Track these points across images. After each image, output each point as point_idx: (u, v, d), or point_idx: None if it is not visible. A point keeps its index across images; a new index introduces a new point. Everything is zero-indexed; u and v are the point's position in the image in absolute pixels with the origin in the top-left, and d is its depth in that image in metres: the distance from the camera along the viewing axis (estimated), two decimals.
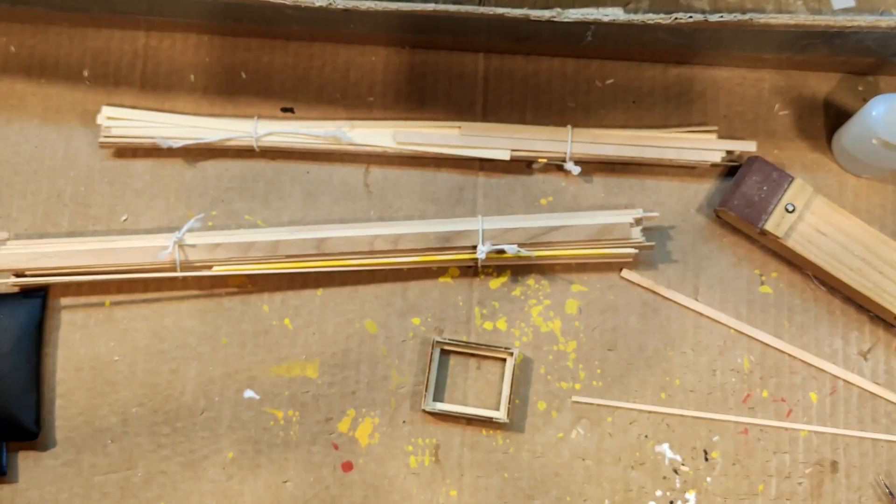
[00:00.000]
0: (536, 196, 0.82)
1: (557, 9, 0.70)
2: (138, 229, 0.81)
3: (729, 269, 0.81)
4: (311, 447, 0.78)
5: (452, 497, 0.77)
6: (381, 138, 0.81)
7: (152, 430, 0.78)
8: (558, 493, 0.77)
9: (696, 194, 0.82)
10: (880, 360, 0.80)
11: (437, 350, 0.78)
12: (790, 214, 0.77)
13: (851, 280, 0.77)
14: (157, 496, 0.78)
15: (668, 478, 0.78)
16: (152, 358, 0.79)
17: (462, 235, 0.77)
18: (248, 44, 0.84)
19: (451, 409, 0.78)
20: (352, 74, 0.84)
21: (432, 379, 0.78)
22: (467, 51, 0.84)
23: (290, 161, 0.83)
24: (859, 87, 0.83)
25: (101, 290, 0.80)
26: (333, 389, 0.79)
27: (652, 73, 0.84)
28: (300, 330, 0.80)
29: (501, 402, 0.78)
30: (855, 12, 0.71)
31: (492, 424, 0.78)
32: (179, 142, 0.80)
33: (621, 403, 0.79)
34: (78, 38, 0.84)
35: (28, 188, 0.82)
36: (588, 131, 0.81)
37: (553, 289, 0.80)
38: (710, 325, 0.80)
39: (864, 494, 0.77)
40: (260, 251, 0.77)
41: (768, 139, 0.83)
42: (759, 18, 0.70)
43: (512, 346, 0.78)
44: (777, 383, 0.79)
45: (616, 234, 0.77)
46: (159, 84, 0.84)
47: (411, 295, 0.80)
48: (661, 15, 0.70)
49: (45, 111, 0.83)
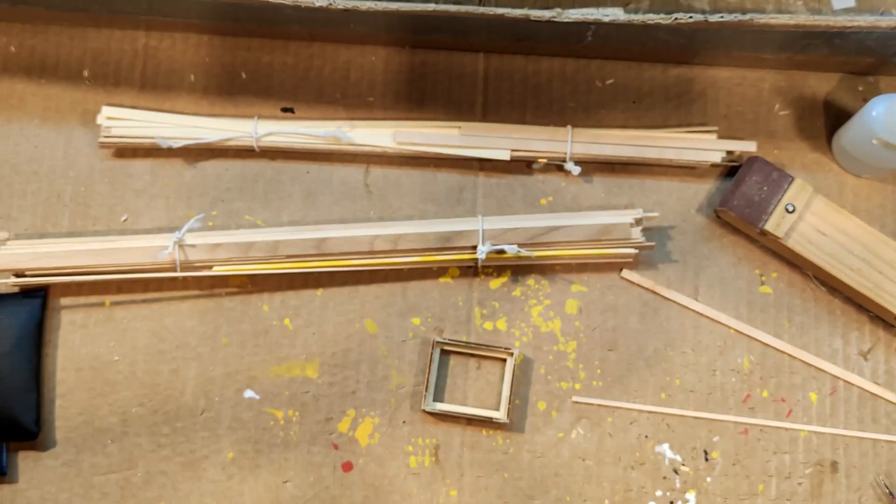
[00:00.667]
0: (536, 196, 0.82)
1: (557, 9, 0.70)
2: (138, 229, 0.81)
3: (729, 269, 0.81)
4: (311, 447, 0.78)
5: (452, 497, 0.77)
6: (381, 138, 0.81)
7: (152, 430, 0.78)
8: (558, 494, 0.77)
9: (696, 194, 0.82)
10: (880, 360, 0.80)
11: (437, 350, 0.78)
12: (790, 214, 0.77)
13: (851, 280, 0.77)
14: (157, 496, 0.78)
15: (668, 478, 0.78)
16: (152, 358, 0.79)
17: (462, 235, 0.77)
18: (248, 44, 0.84)
19: (451, 410, 0.78)
20: (352, 74, 0.84)
21: (432, 379, 0.78)
22: (467, 51, 0.84)
23: (290, 161, 0.83)
24: (859, 87, 0.83)
25: (101, 290, 0.80)
26: (333, 389, 0.79)
27: (652, 73, 0.84)
28: (300, 330, 0.80)
29: (501, 403, 0.78)
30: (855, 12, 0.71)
31: (492, 424, 0.78)
32: (179, 142, 0.80)
33: (621, 403, 0.79)
34: (78, 38, 0.84)
35: (28, 188, 0.82)
36: (588, 131, 0.81)
37: (553, 289, 0.80)
38: (710, 325, 0.80)
39: (864, 494, 0.77)
40: (260, 251, 0.77)
41: (768, 139, 0.83)
42: (759, 18, 0.70)
43: (512, 347, 0.78)
44: (777, 383, 0.79)
45: (616, 235, 0.77)
46: (159, 84, 0.84)
47: (411, 295, 0.80)
48: (661, 15, 0.70)
49: (45, 111, 0.83)
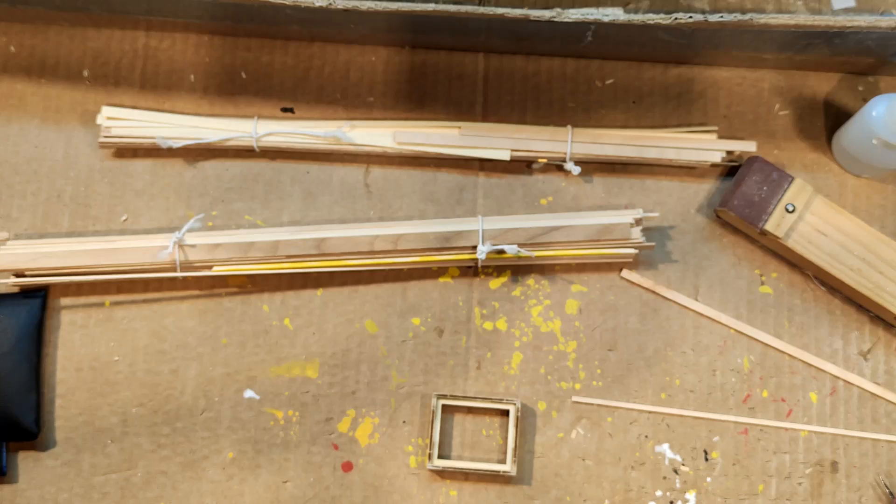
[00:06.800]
0: (536, 196, 0.82)
1: (557, 9, 0.70)
2: (138, 229, 0.81)
3: (729, 269, 0.81)
4: (311, 447, 0.78)
5: (452, 497, 0.77)
6: (381, 138, 0.81)
7: (152, 430, 0.78)
8: (558, 494, 0.77)
9: (696, 194, 0.82)
10: (880, 360, 0.80)
11: (440, 404, 0.77)
12: (790, 214, 0.77)
13: (851, 280, 0.77)
14: (157, 496, 0.78)
15: (668, 478, 0.78)
16: (152, 358, 0.79)
17: (462, 235, 0.77)
18: (248, 44, 0.84)
19: (458, 466, 0.76)
20: (352, 74, 0.84)
21: (436, 437, 0.76)
22: (467, 51, 0.84)
23: (290, 161, 0.83)
24: (859, 87, 0.83)
25: (101, 290, 0.80)
26: (333, 389, 0.79)
27: (652, 73, 0.84)
28: (300, 330, 0.80)
29: (508, 454, 0.76)
30: (855, 12, 0.71)
31: (491, 425, 0.78)
32: (179, 142, 0.80)
33: (621, 403, 0.79)
34: (78, 38, 0.84)
35: (28, 188, 0.82)
36: (588, 131, 0.81)
37: (553, 289, 0.80)
38: (710, 325, 0.80)
39: (864, 494, 0.77)
40: (260, 251, 0.77)
41: (768, 139, 0.83)
42: (759, 18, 0.70)
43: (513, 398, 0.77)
44: (777, 383, 0.79)
45: (616, 235, 0.77)
46: (159, 84, 0.84)
47: (411, 295, 0.80)
48: (661, 15, 0.70)
49: (45, 111, 0.83)
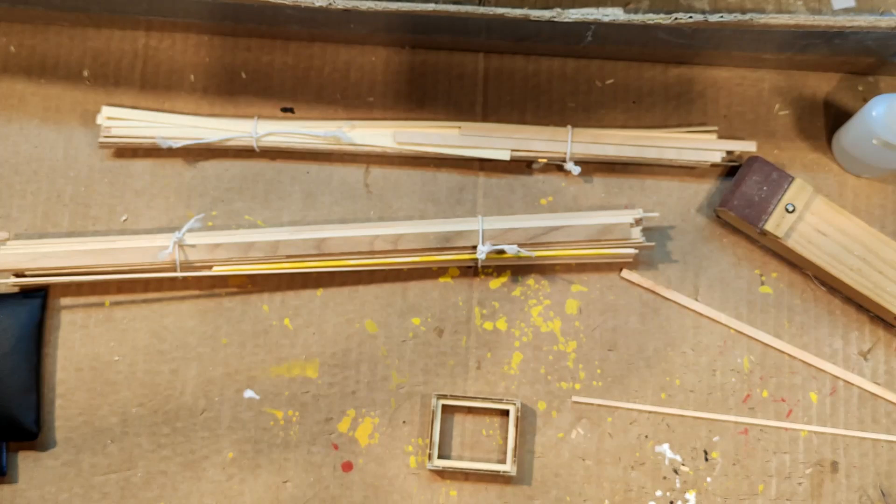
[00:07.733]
0: (536, 196, 0.82)
1: (557, 9, 0.70)
2: (138, 229, 0.81)
3: (729, 269, 0.81)
4: (311, 447, 0.78)
5: (452, 497, 0.77)
6: (381, 138, 0.81)
7: (152, 430, 0.78)
8: (558, 494, 0.77)
9: (696, 194, 0.82)
10: (880, 360, 0.80)
11: (440, 404, 0.77)
12: (790, 214, 0.77)
13: (851, 280, 0.77)
14: (157, 496, 0.78)
15: (668, 478, 0.78)
16: (152, 358, 0.79)
17: (462, 235, 0.77)
18: (248, 44, 0.84)
19: (458, 466, 0.76)
20: (352, 74, 0.84)
21: (436, 437, 0.76)
22: (467, 51, 0.84)
23: (290, 161, 0.83)
24: (859, 87, 0.83)
25: (101, 290, 0.80)
26: (333, 389, 0.79)
27: (652, 73, 0.84)
28: (300, 330, 0.80)
29: (508, 454, 0.76)
30: (855, 12, 0.71)
31: (491, 425, 0.78)
32: (179, 142, 0.80)
33: (621, 403, 0.79)
34: (78, 38, 0.84)
35: (28, 188, 0.82)
36: (588, 131, 0.81)
37: (553, 289, 0.80)
38: (710, 325, 0.80)
39: (864, 494, 0.77)
40: (260, 251, 0.77)
41: (768, 139, 0.83)
42: (759, 18, 0.70)
43: (513, 398, 0.77)
44: (777, 383, 0.79)
45: (616, 235, 0.77)
46: (159, 84, 0.84)
47: (411, 295, 0.80)
48: (661, 15, 0.70)
49: (45, 111, 0.83)
